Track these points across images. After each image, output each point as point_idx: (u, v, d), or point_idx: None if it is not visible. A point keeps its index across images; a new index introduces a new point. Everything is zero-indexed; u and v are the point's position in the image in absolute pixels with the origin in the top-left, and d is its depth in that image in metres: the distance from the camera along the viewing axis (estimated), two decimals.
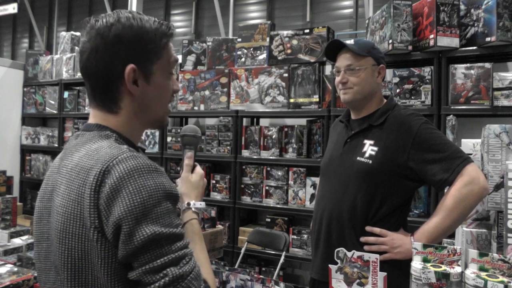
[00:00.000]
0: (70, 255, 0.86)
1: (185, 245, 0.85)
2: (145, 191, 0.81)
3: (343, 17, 4.99)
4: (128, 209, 0.80)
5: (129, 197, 0.80)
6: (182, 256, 0.83)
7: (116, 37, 0.91)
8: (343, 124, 1.79)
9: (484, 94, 2.51)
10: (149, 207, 0.81)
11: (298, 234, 3.25)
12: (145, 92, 0.95)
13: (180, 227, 0.87)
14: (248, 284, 1.64)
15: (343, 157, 1.67)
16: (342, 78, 1.65)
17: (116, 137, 0.94)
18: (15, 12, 6.02)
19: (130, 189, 0.81)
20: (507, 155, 1.43)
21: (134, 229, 0.79)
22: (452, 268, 1.05)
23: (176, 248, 0.83)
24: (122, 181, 0.81)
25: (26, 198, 4.84)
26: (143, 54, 0.94)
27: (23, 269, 1.98)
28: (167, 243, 0.82)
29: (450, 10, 2.58)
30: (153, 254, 0.80)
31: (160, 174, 0.86)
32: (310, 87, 3.23)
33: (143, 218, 0.80)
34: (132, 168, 0.83)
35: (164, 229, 0.82)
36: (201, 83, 3.70)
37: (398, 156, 1.54)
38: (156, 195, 0.82)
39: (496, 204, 1.51)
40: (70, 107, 4.60)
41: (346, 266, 1.16)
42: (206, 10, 5.88)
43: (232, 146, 3.52)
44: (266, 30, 3.52)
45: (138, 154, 0.88)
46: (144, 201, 0.81)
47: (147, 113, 0.99)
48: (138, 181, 0.82)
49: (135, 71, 0.92)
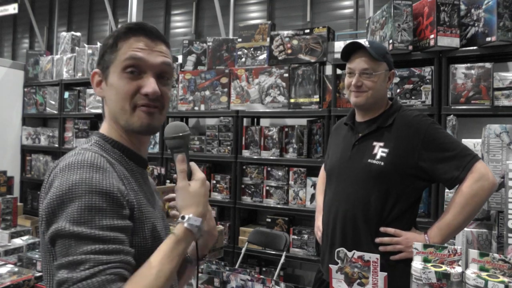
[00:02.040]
0: (40, 245, 0.90)
1: (101, 250, 0.76)
2: (66, 185, 0.79)
3: (343, 17, 4.99)
4: (48, 201, 0.80)
5: (53, 190, 0.81)
6: (82, 261, 0.74)
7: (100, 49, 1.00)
8: (347, 127, 1.78)
9: (485, 94, 2.51)
10: (65, 201, 0.78)
11: (299, 234, 3.25)
12: (106, 94, 0.98)
13: (113, 232, 0.79)
14: (248, 284, 1.64)
15: (353, 160, 1.66)
16: (357, 81, 1.63)
17: (98, 140, 0.96)
18: (16, 12, 6.02)
19: (56, 182, 0.81)
20: (508, 155, 1.43)
21: (49, 222, 0.80)
22: (452, 268, 1.05)
23: (81, 251, 0.75)
24: (55, 175, 0.83)
25: (26, 198, 4.84)
26: (102, 58, 0.98)
27: (23, 269, 1.98)
28: (75, 243, 0.75)
29: (450, 10, 2.58)
30: (59, 251, 0.77)
31: (93, 169, 0.82)
32: (311, 87, 3.23)
33: (59, 212, 0.78)
34: (67, 163, 0.83)
35: (74, 227, 0.76)
36: (201, 83, 3.70)
37: (408, 157, 1.56)
38: (77, 189, 0.79)
39: (497, 204, 1.51)
40: (70, 107, 4.60)
41: (346, 266, 1.16)
42: (206, 10, 5.88)
43: (232, 146, 3.52)
44: (267, 30, 3.52)
45: (87, 152, 0.86)
46: (62, 195, 0.79)
47: (112, 115, 0.97)
48: (65, 175, 0.81)
49: (97, 74, 0.99)
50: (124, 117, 0.94)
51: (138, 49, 0.93)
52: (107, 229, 0.78)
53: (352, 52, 1.67)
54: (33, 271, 1.97)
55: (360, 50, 1.64)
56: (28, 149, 4.92)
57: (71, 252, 0.75)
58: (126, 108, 0.93)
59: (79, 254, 0.75)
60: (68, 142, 4.59)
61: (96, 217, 0.78)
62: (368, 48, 1.61)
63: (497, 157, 1.45)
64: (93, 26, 7.19)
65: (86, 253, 0.75)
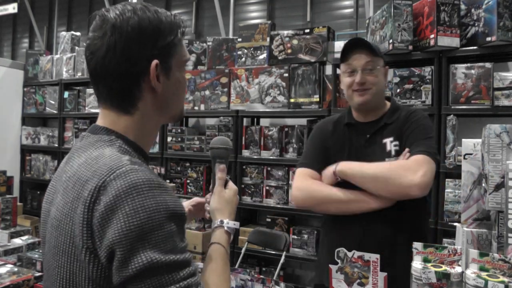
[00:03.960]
0: (59, 272, 0.81)
1: (190, 273, 0.76)
2: (144, 212, 0.72)
3: (343, 17, 4.98)
4: (123, 232, 0.71)
5: (125, 219, 0.72)
6: (186, 286, 0.74)
7: (136, 31, 0.84)
8: (346, 128, 1.70)
9: (485, 94, 2.51)
10: (147, 231, 0.72)
11: (299, 234, 3.25)
12: (166, 88, 0.89)
13: (187, 253, 0.78)
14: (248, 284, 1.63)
15: (368, 162, 1.58)
16: (361, 78, 1.58)
17: (121, 143, 0.87)
18: (15, 12, 6.01)
19: (127, 209, 0.72)
20: (508, 155, 1.43)
21: (130, 255, 0.71)
22: (452, 268, 1.04)
23: (179, 278, 0.74)
24: (118, 199, 0.73)
25: (26, 198, 4.84)
26: (164, 48, 0.87)
27: (23, 269, 1.98)
28: (168, 272, 0.73)
29: (450, 10, 2.58)
30: (151, 284, 0.72)
31: (163, 190, 0.77)
32: (311, 87, 3.23)
33: (140, 243, 0.72)
34: (130, 184, 0.74)
35: (164, 256, 0.73)
36: (201, 83, 3.70)
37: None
38: (156, 217, 0.73)
39: (497, 204, 1.51)
40: (70, 107, 4.60)
41: (346, 266, 1.15)
42: (206, 10, 5.87)
43: (232, 146, 3.52)
44: (267, 30, 3.51)
45: (140, 167, 0.78)
46: (142, 224, 0.72)
47: (166, 110, 0.93)
48: (137, 200, 0.73)
49: (158, 66, 0.86)
50: (183, 108, 0.98)
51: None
52: (185, 251, 0.78)
53: (349, 51, 1.64)
54: (32, 271, 1.97)
55: (358, 47, 1.62)
56: (27, 149, 4.91)
57: (169, 281, 0.73)
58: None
59: (178, 281, 0.74)
60: (68, 142, 4.58)
61: (176, 242, 0.76)
62: (369, 43, 1.61)
63: (497, 157, 1.45)
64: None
65: (183, 279, 0.75)
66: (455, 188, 2.56)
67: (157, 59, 0.86)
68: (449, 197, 2.57)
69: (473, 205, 1.50)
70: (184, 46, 0.94)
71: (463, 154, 1.52)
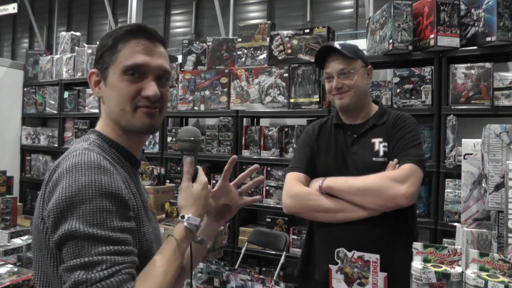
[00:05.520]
0: (34, 247, 0.91)
1: (116, 251, 0.78)
2: (76, 186, 0.80)
3: (343, 17, 4.98)
4: (56, 202, 0.80)
5: (60, 191, 0.80)
6: (99, 262, 0.76)
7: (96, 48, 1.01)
8: (334, 129, 1.72)
9: (485, 94, 2.51)
10: (76, 203, 0.79)
11: (299, 234, 3.25)
12: (105, 94, 0.98)
13: (123, 233, 0.81)
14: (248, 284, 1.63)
15: (355, 161, 1.63)
16: (337, 83, 1.63)
17: (96, 139, 0.96)
18: (15, 12, 6.01)
19: (64, 183, 0.81)
20: (508, 155, 1.43)
21: (58, 224, 0.79)
22: (452, 268, 1.04)
23: (97, 252, 0.77)
24: (61, 176, 0.83)
25: (26, 198, 4.84)
26: (101, 58, 0.98)
27: (23, 269, 1.98)
28: (88, 244, 0.77)
29: (450, 10, 2.58)
30: (70, 253, 0.77)
31: (103, 172, 0.83)
32: (310, 87, 3.23)
33: (69, 213, 0.79)
34: (73, 163, 0.83)
35: (87, 228, 0.77)
36: (201, 83, 3.70)
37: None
38: (87, 191, 0.80)
39: (497, 204, 1.51)
40: (70, 107, 4.60)
41: (346, 266, 1.15)
42: (206, 10, 5.88)
43: (232, 146, 3.52)
44: (266, 30, 3.51)
45: (91, 152, 0.86)
46: (72, 196, 0.79)
47: (111, 115, 0.98)
48: (73, 176, 0.81)
49: (95, 74, 0.99)
50: (125, 118, 0.96)
51: (140, 53, 0.94)
52: (118, 231, 0.81)
53: (326, 58, 1.68)
54: (32, 271, 1.97)
55: (332, 53, 1.66)
56: (27, 149, 4.91)
57: (85, 253, 0.77)
58: (128, 109, 0.95)
59: (95, 255, 0.77)
60: (67, 142, 4.59)
61: (107, 219, 0.80)
62: (340, 49, 1.62)
63: (497, 157, 1.45)
64: (92, 26, 7.18)
65: (102, 254, 0.77)
66: (455, 188, 2.56)
67: (96, 68, 0.99)
68: (449, 197, 2.57)
69: (473, 205, 1.51)
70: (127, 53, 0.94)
71: (463, 154, 1.53)
